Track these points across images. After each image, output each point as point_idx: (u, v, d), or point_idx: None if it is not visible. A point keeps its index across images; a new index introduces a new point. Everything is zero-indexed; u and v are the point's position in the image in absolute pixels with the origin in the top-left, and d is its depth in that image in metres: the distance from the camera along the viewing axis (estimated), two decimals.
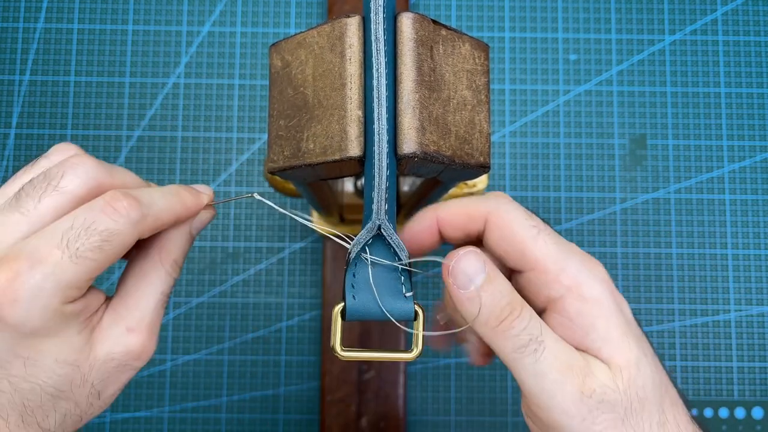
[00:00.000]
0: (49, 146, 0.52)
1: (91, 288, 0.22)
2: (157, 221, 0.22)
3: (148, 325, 0.23)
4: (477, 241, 0.25)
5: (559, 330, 0.23)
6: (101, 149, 0.51)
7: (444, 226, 0.25)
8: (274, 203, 0.25)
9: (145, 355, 0.23)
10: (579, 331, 0.22)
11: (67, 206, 0.21)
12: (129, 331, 0.23)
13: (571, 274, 0.22)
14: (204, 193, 0.25)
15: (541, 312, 0.23)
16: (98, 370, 0.22)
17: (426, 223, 0.25)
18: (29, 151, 0.51)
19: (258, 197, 0.25)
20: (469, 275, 0.21)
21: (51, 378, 0.21)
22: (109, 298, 0.24)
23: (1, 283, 0.19)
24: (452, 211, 0.25)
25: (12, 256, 0.20)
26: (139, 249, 0.24)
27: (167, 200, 0.23)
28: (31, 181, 0.22)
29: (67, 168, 0.22)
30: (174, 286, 0.25)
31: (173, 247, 0.24)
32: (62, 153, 0.23)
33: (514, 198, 0.25)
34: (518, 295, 0.22)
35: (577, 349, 0.22)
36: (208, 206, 0.25)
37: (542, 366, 0.21)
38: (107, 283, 0.50)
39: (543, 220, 0.24)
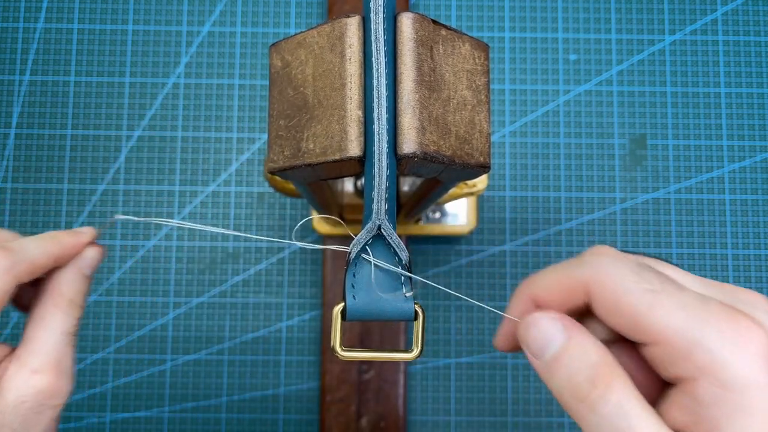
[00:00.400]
0: (49, 146, 0.53)
1: None
2: (32, 265, 0.24)
3: (53, 365, 0.24)
4: (588, 311, 0.20)
5: (681, 414, 0.18)
6: (101, 149, 0.51)
7: (544, 306, 0.21)
8: (275, 203, 0.25)
9: (58, 394, 0.24)
10: (708, 423, 0.17)
11: None
12: (34, 372, 0.24)
13: (706, 350, 0.17)
14: (83, 232, 0.26)
15: (668, 386, 0.19)
16: (12, 414, 0.23)
17: (522, 308, 0.21)
18: (29, 151, 0.51)
19: (120, 217, 0.27)
20: (543, 342, 0.19)
21: None
22: (14, 349, 0.25)
23: None
24: (547, 289, 0.20)
25: None
26: (37, 296, 0.26)
27: (40, 244, 0.25)
28: None
29: None
30: (77, 325, 0.26)
31: (65, 287, 0.25)
32: None
33: (514, 198, 0.25)
34: (610, 364, 0.18)
35: None
36: (93, 245, 0.26)
37: None
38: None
39: (656, 267, 0.19)
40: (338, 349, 0.21)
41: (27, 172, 0.51)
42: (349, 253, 0.21)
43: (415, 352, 0.22)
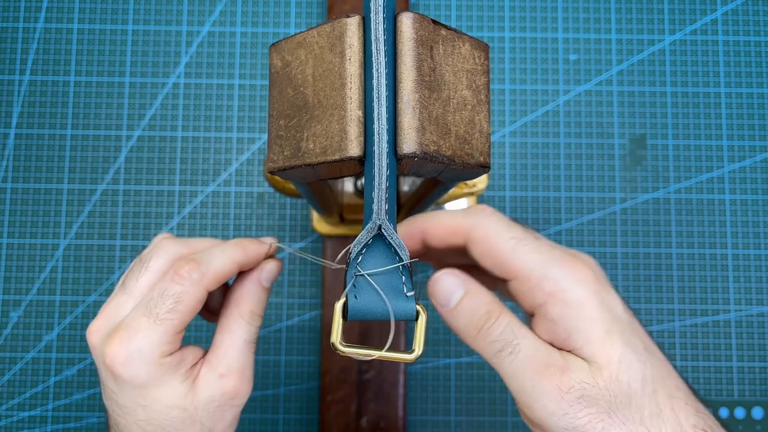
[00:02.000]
0: (49, 146, 0.52)
1: (188, 344, 0.28)
2: (219, 274, 0.27)
3: (237, 370, 0.27)
4: (463, 252, 0.26)
5: (544, 334, 0.24)
6: (101, 149, 0.51)
7: (428, 237, 0.26)
8: (275, 203, 0.26)
9: (240, 395, 0.28)
10: (562, 333, 0.23)
11: (156, 280, 0.27)
12: (221, 376, 0.27)
13: (552, 280, 0.23)
14: (265, 242, 0.29)
15: (531, 317, 0.25)
16: (203, 410, 0.27)
17: (411, 231, 0.27)
18: (29, 151, 0.51)
19: (281, 245, 0.30)
20: (448, 294, 0.24)
21: (167, 420, 0.26)
22: (206, 352, 0.28)
23: (113, 350, 0.25)
24: (436, 225, 0.26)
25: (118, 329, 0.26)
26: (223, 306, 0.29)
27: (226, 253, 0.27)
28: (131, 266, 0.28)
29: (153, 251, 0.28)
30: (257, 333, 0.29)
31: (246, 298, 0.28)
32: (156, 240, 0.30)
33: (514, 198, 0.26)
34: (498, 304, 0.24)
35: (562, 350, 0.23)
36: (272, 257, 0.29)
37: (518, 366, 0.23)
38: (107, 284, 0.50)
39: (525, 226, 0.25)
40: (338, 344, 0.22)
41: (27, 172, 0.51)
42: (350, 253, 0.21)
43: (416, 353, 0.22)
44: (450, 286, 0.24)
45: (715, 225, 0.50)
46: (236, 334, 0.28)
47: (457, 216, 0.25)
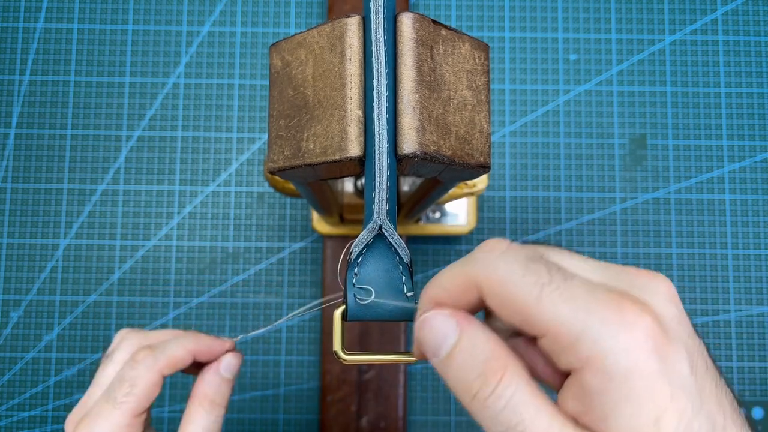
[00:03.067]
0: (49, 146, 0.52)
1: (149, 428, 0.30)
2: (171, 359, 0.29)
3: None
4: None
5: (574, 405, 0.17)
6: (101, 149, 0.51)
7: (448, 306, 0.19)
8: (275, 203, 0.26)
9: None
10: (599, 413, 0.16)
11: (119, 369, 0.30)
12: None
13: (591, 339, 0.16)
14: (224, 341, 0.31)
15: (566, 376, 0.18)
16: None
17: (426, 306, 0.20)
18: (29, 151, 0.51)
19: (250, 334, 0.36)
20: (438, 340, 0.18)
21: None
22: None
23: None
24: (445, 289, 0.19)
25: (84, 416, 0.28)
26: (189, 397, 0.30)
27: (180, 342, 0.29)
28: (101, 361, 0.31)
29: (117, 345, 0.31)
30: (219, 422, 0.30)
31: (206, 388, 0.30)
32: (119, 335, 0.32)
33: (514, 198, 0.25)
34: (502, 358, 0.18)
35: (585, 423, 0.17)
36: (232, 351, 0.31)
37: None
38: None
39: (549, 264, 0.18)
40: (340, 353, 0.21)
41: (27, 172, 0.51)
42: (350, 253, 0.21)
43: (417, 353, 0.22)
44: (441, 331, 0.18)
45: (715, 225, 0.50)
46: (196, 423, 0.29)
47: (463, 266, 0.19)
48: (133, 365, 0.28)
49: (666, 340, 0.16)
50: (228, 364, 0.31)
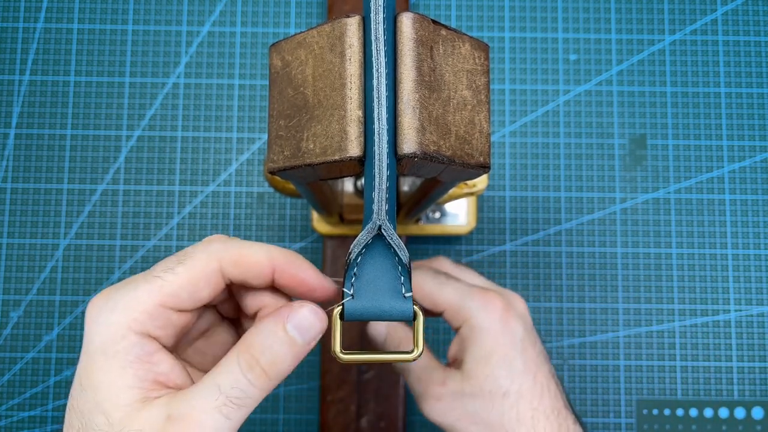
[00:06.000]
0: (49, 146, 0.53)
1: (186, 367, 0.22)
2: (241, 257, 0.21)
3: (191, 420, 0.19)
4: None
5: (455, 349, 0.32)
6: (101, 149, 0.51)
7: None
8: (275, 203, 0.25)
9: None
10: (464, 350, 0.31)
11: None
12: (168, 419, 0.20)
13: (466, 311, 0.30)
14: (327, 279, 0.23)
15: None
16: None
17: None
18: (29, 151, 0.51)
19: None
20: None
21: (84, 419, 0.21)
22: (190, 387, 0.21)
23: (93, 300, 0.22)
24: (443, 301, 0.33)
25: (111, 286, 0.23)
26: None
27: (265, 246, 0.22)
28: None
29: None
30: (249, 395, 0.20)
31: (256, 341, 0.20)
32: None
33: (514, 198, 0.25)
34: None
35: (458, 358, 0.31)
36: (331, 294, 0.23)
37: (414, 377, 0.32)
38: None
39: (459, 266, 0.36)
40: (339, 352, 0.21)
41: (27, 172, 0.51)
42: (350, 253, 0.21)
43: (416, 352, 0.22)
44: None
45: (715, 225, 0.50)
46: (218, 377, 0.20)
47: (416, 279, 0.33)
48: (196, 245, 0.22)
49: (509, 315, 0.30)
50: (302, 320, 0.21)
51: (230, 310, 0.26)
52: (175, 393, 0.20)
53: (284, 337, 0.21)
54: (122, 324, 0.20)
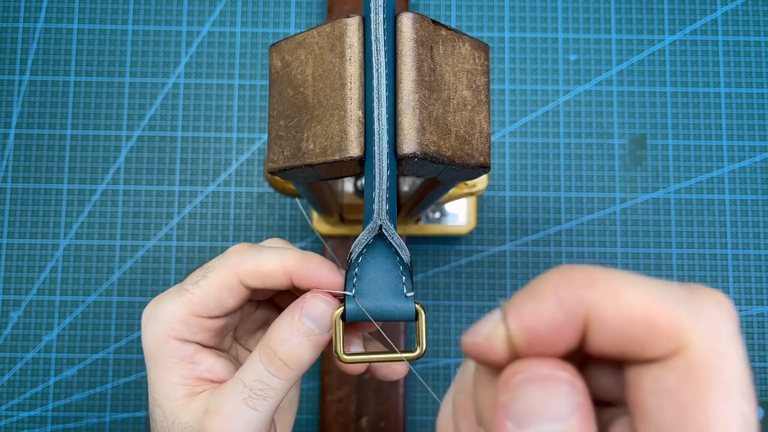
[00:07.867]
0: (49, 146, 0.52)
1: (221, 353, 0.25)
2: (257, 267, 0.22)
3: (222, 413, 0.22)
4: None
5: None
6: (101, 149, 0.51)
7: (546, 354, 0.15)
8: (275, 203, 0.25)
9: None
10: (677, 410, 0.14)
11: None
12: (206, 412, 0.23)
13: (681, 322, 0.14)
14: (335, 268, 0.23)
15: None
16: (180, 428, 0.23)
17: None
18: (29, 151, 0.51)
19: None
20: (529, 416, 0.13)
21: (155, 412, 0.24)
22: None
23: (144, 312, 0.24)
24: (532, 330, 0.14)
25: (157, 297, 0.25)
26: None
27: (280, 252, 0.23)
28: None
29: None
30: (272, 386, 0.22)
31: (274, 334, 0.22)
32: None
33: (514, 198, 0.24)
34: None
35: None
36: (335, 298, 0.22)
37: None
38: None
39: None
40: (341, 354, 0.21)
41: (27, 172, 0.51)
42: (351, 253, 0.21)
43: (418, 351, 0.22)
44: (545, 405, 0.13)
45: (715, 225, 0.50)
46: (244, 370, 0.22)
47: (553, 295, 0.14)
48: (219, 257, 0.23)
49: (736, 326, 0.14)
50: (313, 310, 0.22)
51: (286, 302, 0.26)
52: (215, 388, 0.23)
53: (299, 328, 0.22)
54: (163, 332, 0.23)
